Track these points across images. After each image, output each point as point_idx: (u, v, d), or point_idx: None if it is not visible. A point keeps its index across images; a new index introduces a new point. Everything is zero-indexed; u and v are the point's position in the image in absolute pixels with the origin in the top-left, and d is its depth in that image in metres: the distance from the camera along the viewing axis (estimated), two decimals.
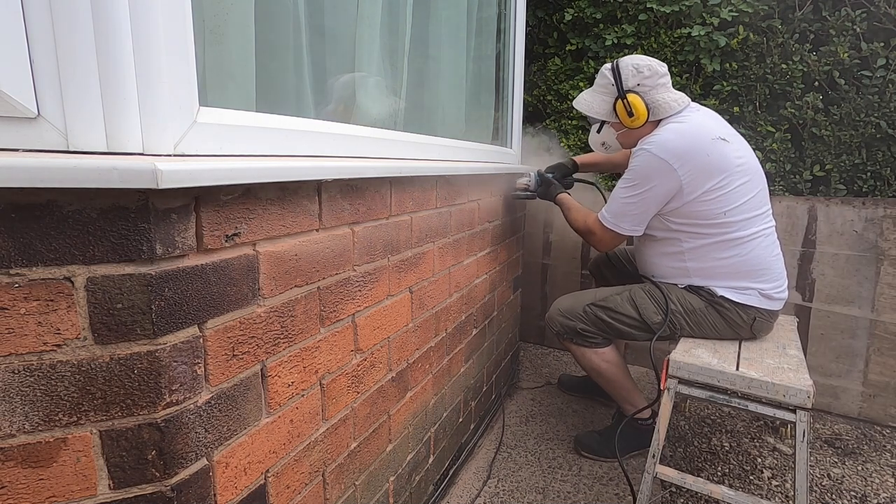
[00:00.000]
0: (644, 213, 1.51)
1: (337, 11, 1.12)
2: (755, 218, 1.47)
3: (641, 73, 1.48)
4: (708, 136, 1.43)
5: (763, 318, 1.52)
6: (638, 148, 1.49)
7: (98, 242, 0.55)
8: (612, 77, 1.52)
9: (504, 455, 1.75)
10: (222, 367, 0.68)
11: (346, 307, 0.95)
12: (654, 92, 1.49)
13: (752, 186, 1.47)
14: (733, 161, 1.43)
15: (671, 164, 1.40)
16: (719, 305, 1.51)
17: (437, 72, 1.55)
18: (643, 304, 1.57)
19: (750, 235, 1.46)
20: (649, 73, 1.48)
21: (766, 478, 1.66)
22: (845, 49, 1.99)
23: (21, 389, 0.54)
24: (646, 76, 1.48)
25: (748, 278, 1.49)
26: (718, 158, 1.41)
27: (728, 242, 1.46)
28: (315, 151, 0.89)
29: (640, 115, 1.50)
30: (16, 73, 0.52)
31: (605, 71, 1.55)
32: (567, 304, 1.68)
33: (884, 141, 1.99)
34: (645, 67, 1.48)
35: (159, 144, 0.60)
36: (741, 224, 1.45)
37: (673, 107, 1.50)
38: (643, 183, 1.46)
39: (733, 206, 1.43)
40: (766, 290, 1.49)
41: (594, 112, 1.60)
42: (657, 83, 1.49)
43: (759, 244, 1.48)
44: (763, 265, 1.49)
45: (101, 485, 0.59)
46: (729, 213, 1.43)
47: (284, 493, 0.82)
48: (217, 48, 0.81)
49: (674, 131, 1.44)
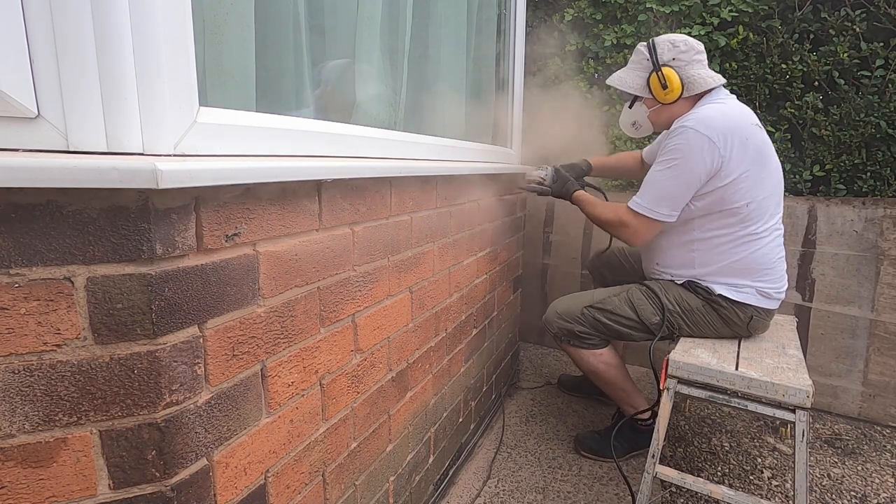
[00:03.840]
0: (682, 195, 1.43)
1: (337, 11, 1.12)
2: (770, 216, 1.46)
3: (678, 48, 1.45)
4: (748, 120, 1.42)
5: (760, 317, 1.52)
6: (676, 126, 1.43)
7: (98, 242, 0.55)
8: (647, 52, 1.49)
9: (504, 455, 1.75)
10: (222, 367, 0.68)
11: (346, 307, 0.95)
12: (689, 67, 1.46)
13: (774, 184, 1.46)
14: (766, 151, 1.42)
15: (714, 141, 1.35)
16: (716, 304, 1.51)
17: (437, 72, 1.55)
18: (641, 305, 1.56)
19: (762, 233, 1.46)
20: (685, 48, 1.45)
21: (766, 478, 1.66)
22: (845, 49, 1.99)
23: (21, 389, 0.54)
24: (682, 50, 1.45)
25: (750, 276, 1.48)
26: (756, 144, 1.39)
27: (740, 238, 1.45)
28: (315, 151, 0.89)
29: (675, 89, 1.46)
30: (16, 73, 0.52)
31: (640, 48, 1.53)
32: (564, 307, 1.67)
33: (884, 141, 1.99)
34: (681, 42, 1.46)
35: (159, 144, 0.60)
36: (757, 219, 1.43)
37: (708, 82, 1.46)
38: (683, 161, 1.39)
39: (756, 198, 1.41)
40: (765, 289, 1.49)
41: (626, 86, 1.56)
42: (693, 59, 1.46)
43: (769, 243, 1.47)
44: (768, 265, 1.48)
45: (101, 485, 0.59)
46: (751, 204, 1.41)
47: (284, 493, 0.82)
48: (217, 48, 0.81)
49: (714, 110, 1.41)
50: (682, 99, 1.49)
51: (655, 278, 1.66)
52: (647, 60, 1.50)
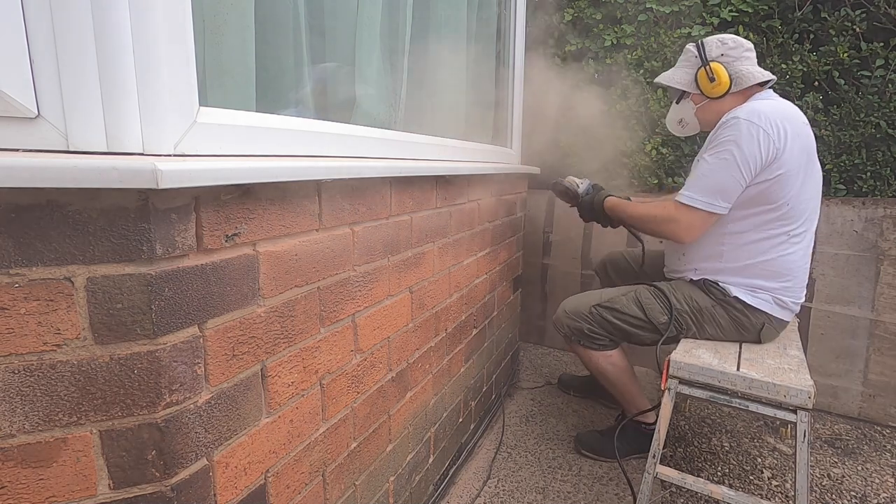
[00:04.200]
0: (735, 186, 1.37)
1: (337, 11, 1.12)
2: (806, 220, 1.43)
3: (726, 45, 1.46)
4: (799, 118, 1.40)
5: (772, 326, 1.49)
6: (727, 118, 1.40)
7: (98, 242, 0.55)
8: (696, 50, 1.50)
9: (504, 455, 1.75)
10: (222, 367, 0.68)
11: (346, 307, 0.95)
12: (737, 63, 1.45)
13: (815, 188, 1.44)
14: (812, 153, 1.41)
15: (766, 130, 1.33)
16: (730, 305, 1.48)
17: (437, 72, 1.55)
18: (649, 304, 1.55)
19: (796, 237, 1.42)
20: (734, 45, 1.46)
21: (766, 478, 1.66)
22: (845, 49, 1.99)
23: (21, 389, 0.54)
24: (730, 47, 1.46)
25: (771, 280, 1.45)
26: (806, 143, 1.38)
27: (772, 238, 1.42)
28: (315, 151, 0.89)
29: (723, 83, 1.45)
30: (16, 73, 0.52)
31: (689, 47, 1.54)
32: (573, 306, 1.66)
33: (884, 141, 1.99)
34: (730, 39, 1.47)
35: (159, 144, 0.60)
36: (793, 221, 1.40)
37: (757, 77, 1.45)
38: (734, 149, 1.35)
39: (796, 198, 1.38)
40: (781, 298, 1.46)
41: (675, 82, 1.55)
42: (742, 55, 1.45)
43: (799, 249, 1.44)
44: (794, 271, 1.45)
45: (101, 485, 0.59)
46: (790, 204, 1.38)
47: (284, 493, 0.82)
48: (217, 48, 0.81)
49: (765, 104, 1.39)
50: (730, 94, 1.47)
51: (672, 277, 1.64)
52: (695, 58, 1.50)
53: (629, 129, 2.43)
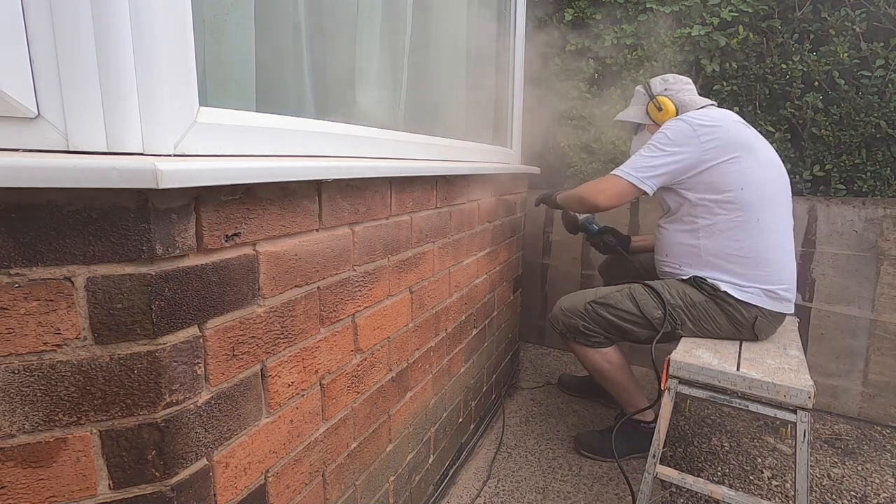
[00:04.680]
0: (660, 169, 1.54)
1: (337, 11, 1.12)
2: (770, 207, 1.50)
3: (667, 81, 1.73)
4: (730, 117, 1.57)
5: (765, 319, 1.51)
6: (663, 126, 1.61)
7: (98, 242, 0.55)
8: (644, 90, 1.77)
9: (504, 455, 1.75)
10: (222, 367, 0.68)
11: (346, 307, 0.95)
12: (680, 94, 1.71)
13: (770, 176, 1.52)
14: (753, 142, 1.52)
15: (695, 131, 1.51)
16: (721, 300, 1.51)
17: (437, 72, 1.55)
18: (643, 300, 1.58)
19: (762, 223, 1.49)
20: (674, 80, 1.73)
21: (766, 478, 1.66)
22: (845, 49, 1.99)
23: (21, 389, 0.54)
24: (671, 83, 1.73)
25: (754, 269, 1.49)
26: (738, 135, 1.51)
27: (743, 224, 1.50)
28: (315, 151, 0.89)
29: (669, 111, 1.69)
30: (16, 73, 0.52)
31: (638, 89, 1.80)
32: (569, 303, 1.69)
33: (884, 141, 1.99)
34: (670, 77, 1.74)
35: (159, 144, 0.60)
36: (754, 206, 1.48)
37: (698, 102, 1.68)
38: (666, 144, 1.55)
39: (749, 185, 1.48)
40: (771, 290, 1.49)
41: (630, 117, 1.81)
42: (682, 87, 1.71)
43: (772, 236, 1.50)
44: (771, 260, 1.49)
45: (101, 485, 0.59)
46: (744, 190, 1.48)
47: (284, 493, 0.82)
48: (217, 48, 0.81)
49: (700, 111, 1.59)
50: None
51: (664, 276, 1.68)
52: (644, 95, 1.76)
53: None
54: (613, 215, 2.41)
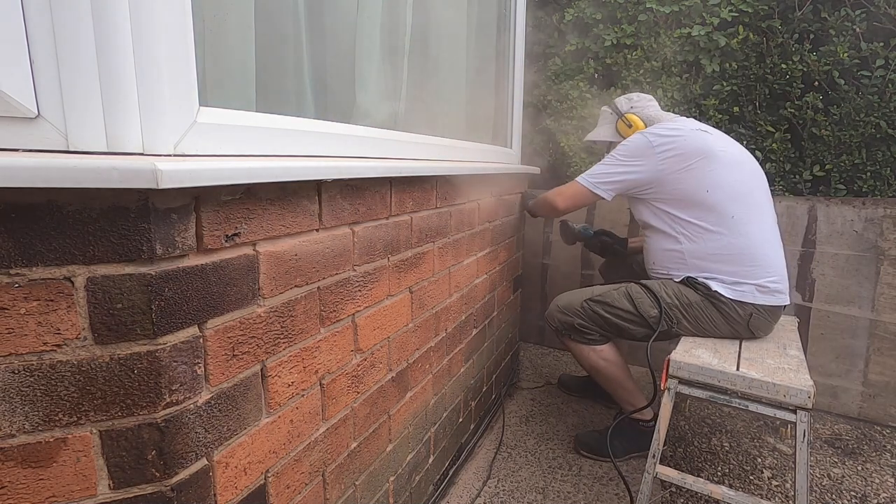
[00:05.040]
0: (616, 177, 1.63)
1: (337, 11, 1.12)
2: (743, 204, 1.52)
3: (631, 100, 1.81)
4: (689, 127, 1.61)
5: (760, 315, 1.52)
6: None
7: (98, 242, 0.55)
8: (610, 109, 1.84)
9: (504, 455, 1.75)
10: (222, 367, 0.68)
11: (346, 307, 0.95)
12: (645, 110, 1.78)
13: (739, 174, 1.55)
14: (713, 147, 1.55)
15: (651, 143, 1.57)
16: (715, 299, 1.52)
17: (437, 72, 1.55)
18: (639, 299, 1.58)
19: (738, 219, 1.50)
20: (638, 99, 1.81)
21: (766, 478, 1.66)
22: (845, 49, 1.99)
23: (21, 389, 0.54)
24: (635, 101, 1.80)
25: (740, 265, 1.51)
26: (695, 142, 1.55)
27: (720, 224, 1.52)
28: (315, 151, 0.89)
29: (638, 126, 1.75)
30: (16, 73, 0.52)
31: (604, 109, 1.87)
32: (565, 301, 1.70)
33: (884, 141, 1.99)
34: (634, 95, 1.82)
35: (159, 144, 0.60)
36: (725, 205, 1.51)
37: (666, 116, 1.74)
38: (625, 153, 1.63)
39: (715, 186, 1.52)
40: (762, 284, 1.50)
41: (601, 136, 1.86)
42: (646, 104, 1.79)
43: (750, 229, 1.51)
44: (756, 254, 1.51)
45: (101, 485, 0.59)
46: (711, 192, 1.52)
47: (284, 493, 0.82)
48: (217, 48, 0.81)
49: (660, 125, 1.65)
50: None
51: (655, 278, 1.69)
52: (611, 114, 1.83)
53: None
54: (614, 216, 2.41)
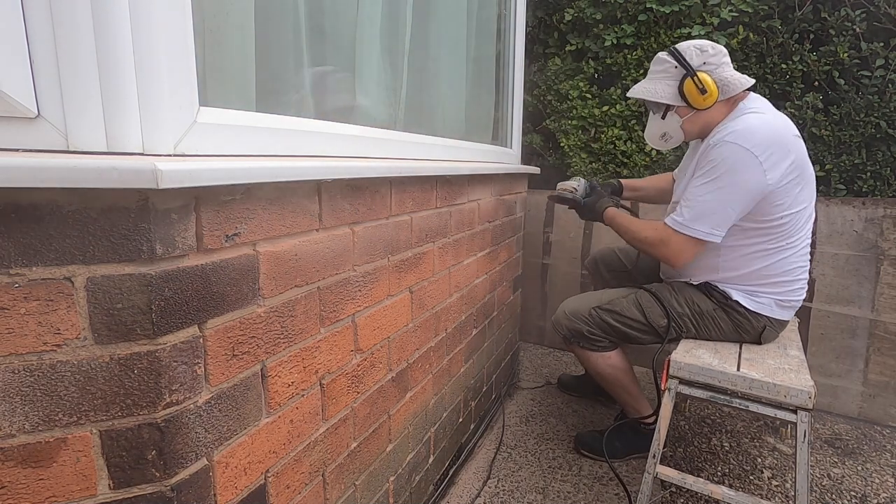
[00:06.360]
0: (726, 213, 1.35)
1: (337, 11, 1.12)
2: (802, 226, 1.42)
3: (706, 52, 1.39)
4: (790, 131, 1.37)
5: (772, 328, 1.49)
6: (716, 139, 1.37)
7: (98, 242, 0.55)
8: (673, 60, 1.42)
9: (504, 455, 1.75)
10: (222, 367, 0.68)
11: (346, 307, 0.95)
12: (720, 70, 1.40)
13: (810, 195, 1.42)
14: (806, 162, 1.38)
15: (758, 157, 1.30)
16: (731, 309, 1.48)
17: (437, 72, 1.55)
18: (649, 308, 1.55)
19: (793, 242, 1.41)
20: (714, 52, 1.40)
21: (766, 478, 1.66)
22: (845, 49, 1.99)
23: (21, 389, 0.54)
24: (711, 54, 1.40)
25: (771, 284, 1.45)
26: (798, 157, 1.35)
27: (770, 249, 1.41)
28: (315, 151, 0.89)
29: (713, 93, 1.39)
30: (16, 73, 0.52)
31: (662, 56, 1.45)
32: (573, 307, 1.65)
33: (884, 141, 1.99)
34: (709, 46, 1.41)
35: (159, 144, 0.60)
36: (792, 230, 1.39)
37: (743, 83, 1.41)
38: (726, 176, 1.33)
39: (794, 210, 1.37)
40: (782, 299, 1.46)
41: (659, 97, 1.46)
42: (722, 61, 1.41)
43: (797, 252, 1.43)
44: (792, 273, 1.45)
45: (101, 485, 0.59)
46: (786, 216, 1.37)
47: (284, 493, 0.82)
48: (217, 48, 0.81)
49: (758, 120, 1.35)
50: (717, 103, 1.42)
51: (671, 280, 1.64)
52: (675, 68, 1.42)
53: (628, 129, 2.43)
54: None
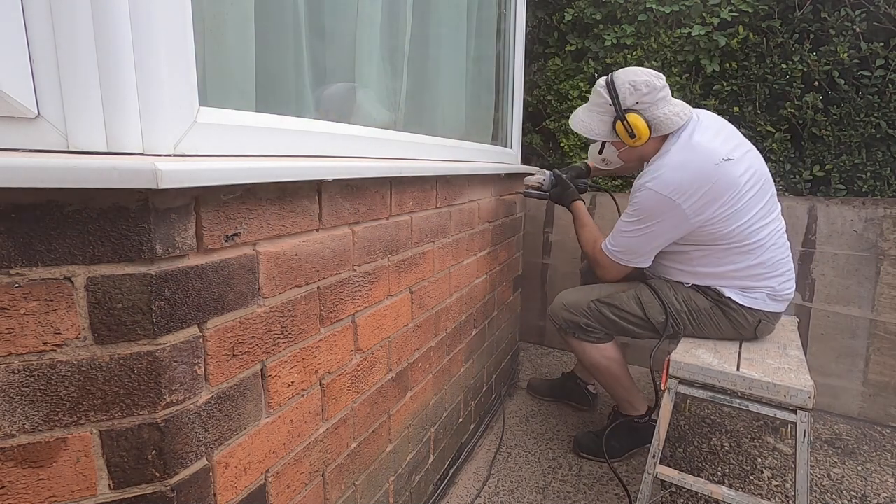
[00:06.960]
0: (649, 248, 1.50)
1: (337, 11, 1.12)
2: (765, 225, 1.45)
3: (639, 91, 1.39)
4: (712, 161, 1.37)
5: (768, 321, 1.51)
6: (639, 185, 1.44)
7: (98, 242, 0.55)
8: (608, 96, 1.43)
9: (504, 455, 1.75)
10: (222, 367, 0.68)
11: (346, 307, 0.95)
12: (654, 108, 1.41)
13: (761, 196, 1.43)
14: (739, 180, 1.38)
15: (675, 200, 1.37)
16: (726, 306, 1.50)
17: (437, 72, 1.55)
18: (649, 304, 1.57)
19: (759, 241, 1.44)
20: (647, 90, 1.39)
21: (766, 478, 1.66)
22: (845, 49, 1.99)
23: (21, 389, 0.54)
24: (644, 93, 1.39)
25: (757, 279, 1.48)
26: (725, 182, 1.36)
27: (737, 250, 1.45)
28: (315, 151, 0.89)
29: (642, 135, 1.42)
30: (16, 73, 0.52)
31: (600, 90, 1.46)
32: (571, 299, 1.67)
33: (884, 141, 1.99)
34: (642, 84, 1.39)
35: (159, 144, 0.60)
36: (751, 233, 1.43)
37: (675, 122, 1.42)
38: (647, 219, 1.44)
39: (742, 221, 1.41)
40: (773, 290, 1.48)
41: (594, 134, 1.52)
42: (656, 98, 1.40)
43: (770, 247, 1.46)
44: (773, 266, 1.48)
45: (101, 485, 0.59)
46: (738, 227, 1.41)
47: (284, 493, 0.82)
48: (217, 48, 0.81)
49: (677, 165, 1.38)
50: (651, 139, 1.46)
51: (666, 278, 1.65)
52: (609, 105, 1.44)
53: None
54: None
